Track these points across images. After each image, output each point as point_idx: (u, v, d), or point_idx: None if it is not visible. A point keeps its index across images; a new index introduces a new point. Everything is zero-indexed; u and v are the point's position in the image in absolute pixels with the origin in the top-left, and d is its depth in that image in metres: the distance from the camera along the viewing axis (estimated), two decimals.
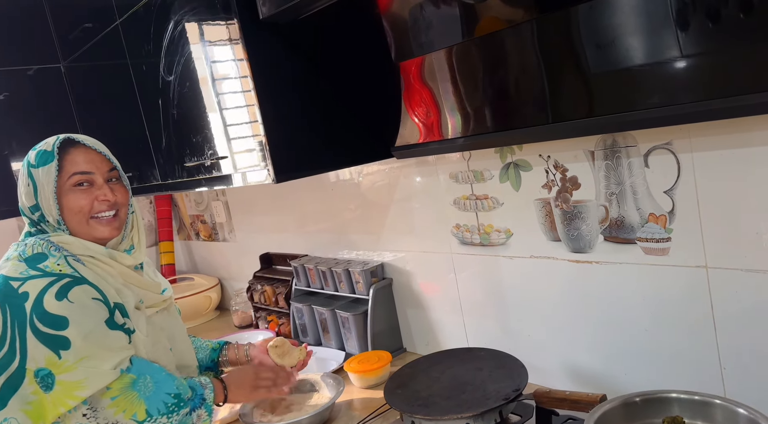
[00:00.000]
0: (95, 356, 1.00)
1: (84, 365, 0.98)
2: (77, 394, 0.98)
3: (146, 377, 1.04)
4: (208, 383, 1.14)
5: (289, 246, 2.10)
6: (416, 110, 1.36)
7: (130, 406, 1.01)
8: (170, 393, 1.05)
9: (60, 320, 0.99)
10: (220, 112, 1.39)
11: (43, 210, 1.10)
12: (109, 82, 1.88)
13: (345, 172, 1.76)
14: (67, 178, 1.10)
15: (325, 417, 1.37)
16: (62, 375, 0.98)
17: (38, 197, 1.09)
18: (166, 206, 2.71)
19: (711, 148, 0.99)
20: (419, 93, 1.31)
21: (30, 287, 1.00)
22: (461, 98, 1.25)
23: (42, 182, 1.09)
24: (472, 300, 1.50)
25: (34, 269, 1.02)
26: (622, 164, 1.11)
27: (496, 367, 1.24)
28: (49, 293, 1.00)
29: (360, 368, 1.53)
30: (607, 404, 0.98)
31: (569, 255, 1.25)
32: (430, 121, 1.34)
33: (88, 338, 1.00)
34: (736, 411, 0.89)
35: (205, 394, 1.11)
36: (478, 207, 1.41)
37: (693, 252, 1.05)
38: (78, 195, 1.10)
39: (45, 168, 1.09)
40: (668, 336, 1.12)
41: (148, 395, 1.02)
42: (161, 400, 1.03)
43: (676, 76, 0.93)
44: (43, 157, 1.10)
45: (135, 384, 1.02)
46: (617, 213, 1.15)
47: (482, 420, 1.09)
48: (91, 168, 1.12)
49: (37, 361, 0.98)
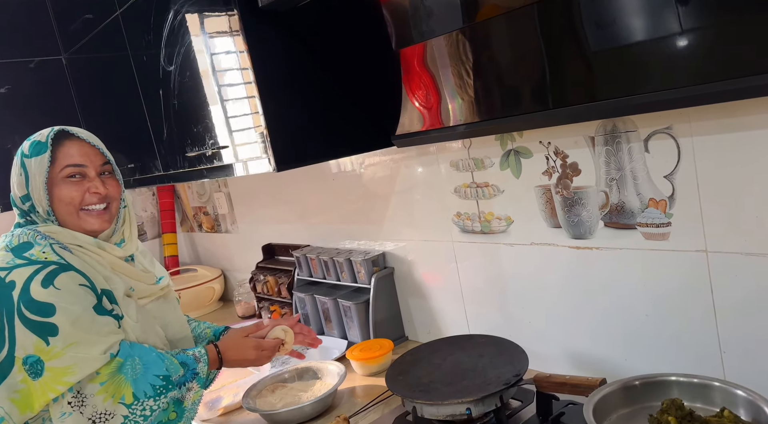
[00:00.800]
0: (84, 342, 1.00)
1: (73, 351, 0.99)
2: (66, 379, 0.98)
3: (134, 359, 1.04)
4: (203, 355, 1.13)
5: (291, 237, 2.11)
6: (416, 98, 1.36)
7: (118, 390, 1.01)
8: (159, 375, 1.05)
9: (47, 307, 0.99)
10: (220, 102, 1.39)
11: (34, 200, 1.11)
12: (111, 73, 1.89)
13: (346, 163, 1.77)
14: (59, 169, 1.10)
15: (327, 404, 1.38)
16: (51, 362, 0.98)
17: (29, 187, 1.10)
18: (168, 198, 2.72)
19: (711, 133, 0.99)
20: (419, 80, 1.30)
21: (16, 276, 1.01)
22: (461, 85, 1.25)
23: (34, 172, 1.09)
24: (473, 288, 1.51)
25: (20, 258, 1.03)
26: (623, 150, 1.11)
27: (497, 353, 1.25)
28: (35, 280, 1.00)
29: (362, 356, 1.54)
30: (607, 388, 0.99)
31: (570, 241, 1.25)
32: (430, 109, 1.34)
33: (76, 323, 1.00)
34: (735, 393, 0.89)
35: (198, 368, 1.11)
36: (479, 195, 1.42)
37: (693, 237, 1.05)
38: (69, 187, 1.10)
39: (38, 159, 1.09)
40: (668, 321, 1.12)
41: (136, 378, 1.02)
42: (148, 382, 1.03)
43: (676, 59, 0.92)
44: (36, 148, 1.10)
45: (122, 367, 1.02)
46: (617, 199, 1.15)
47: (483, 405, 1.10)
48: (85, 161, 1.12)
49: (26, 348, 0.98)
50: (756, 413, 0.85)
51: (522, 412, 1.19)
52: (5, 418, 0.99)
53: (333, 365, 1.50)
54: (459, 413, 1.10)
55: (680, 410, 0.86)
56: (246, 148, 1.39)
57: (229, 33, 1.30)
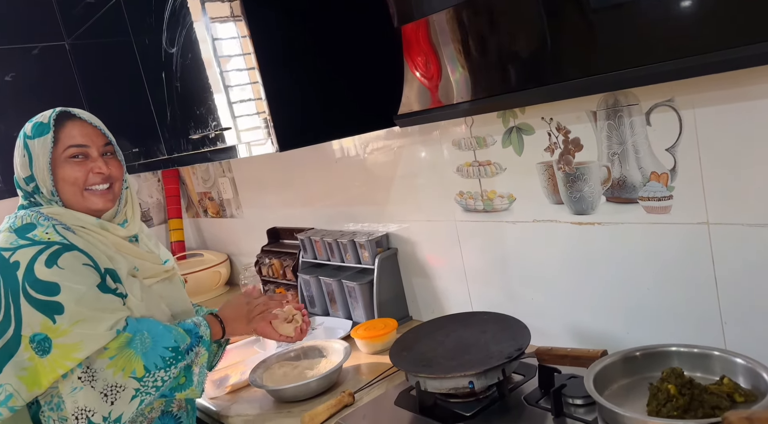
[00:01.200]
0: (90, 319, 1.01)
1: (79, 328, 1.00)
2: (74, 356, 1.00)
3: (143, 333, 1.06)
4: (202, 321, 1.16)
5: (296, 220, 2.12)
6: (418, 77, 1.36)
7: (128, 364, 1.03)
8: (168, 347, 1.07)
9: (51, 286, 1.01)
10: (222, 82, 1.39)
11: (38, 181, 1.12)
12: (113, 57, 1.89)
13: (349, 147, 1.77)
14: (62, 150, 1.11)
15: (333, 380, 1.40)
16: (59, 339, 1.00)
17: (33, 168, 1.11)
18: (174, 184, 2.73)
19: (713, 104, 0.98)
20: (421, 59, 1.30)
21: (20, 256, 1.02)
22: (463, 62, 1.25)
23: (37, 153, 1.11)
24: (476, 266, 1.51)
25: (24, 239, 1.04)
26: (624, 123, 1.11)
27: (500, 329, 1.26)
28: (39, 260, 1.02)
29: (366, 334, 1.55)
30: (608, 359, 1.00)
31: (572, 217, 1.26)
32: (431, 87, 1.34)
33: (81, 301, 1.02)
34: (734, 361, 0.90)
35: (200, 331, 1.14)
36: (481, 173, 1.42)
37: (694, 209, 1.05)
38: (73, 167, 1.12)
39: (40, 139, 1.11)
40: (670, 294, 1.13)
41: (146, 352, 1.04)
42: (158, 355, 1.05)
43: (678, 29, 0.92)
44: (39, 129, 1.11)
45: (131, 342, 1.04)
46: (619, 173, 1.15)
47: (485, 378, 1.11)
48: (87, 141, 1.13)
49: (33, 327, 1.00)
50: (755, 380, 0.86)
51: (524, 385, 1.20)
52: (14, 395, 1.01)
53: (338, 343, 1.52)
54: (462, 386, 1.11)
55: (680, 378, 0.87)
56: (248, 129, 1.40)
57: (229, 13, 1.30)
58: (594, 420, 1.01)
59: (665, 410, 0.84)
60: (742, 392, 0.85)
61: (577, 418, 1.04)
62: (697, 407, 0.83)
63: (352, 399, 1.30)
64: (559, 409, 1.06)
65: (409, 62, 1.32)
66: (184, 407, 1.22)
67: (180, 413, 1.21)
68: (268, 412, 1.35)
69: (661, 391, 0.87)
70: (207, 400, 1.48)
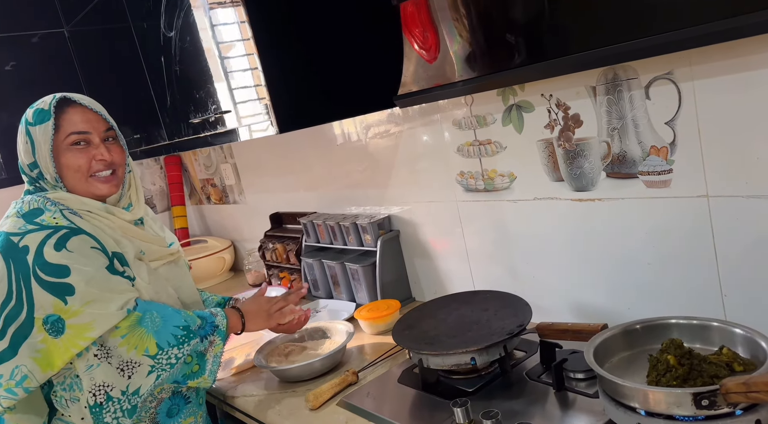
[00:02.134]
0: (100, 299, 1.03)
1: (90, 308, 1.02)
2: (88, 335, 1.02)
3: (153, 312, 1.08)
4: (219, 311, 1.19)
5: (298, 205, 2.13)
6: (416, 48, 1.35)
7: (141, 342, 1.05)
8: (178, 325, 1.09)
9: (61, 268, 1.02)
10: (221, 65, 1.39)
11: (41, 167, 1.13)
12: (113, 43, 1.89)
13: (350, 128, 1.77)
14: (64, 137, 1.12)
15: (337, 360, 1.41)
16: (71, 319, 1.02)
17: (36, 155, 1.12)
18: (176, 171, 2.74)
19: (712, 75, 0.98)
20: (419, 32, 1.30)
21: (29, 241, 1.04)
22: (461, 39, 1.24)
23: (39, 140, 1.11)
24: (478, 246, 1.52)
25: (32, 224, 1.06)
26: (624, 98, 1.11)
27: (502, 306, 1.27)
28: (48, 244, 1.03)
29: (370, 315, 1.56)
30: (608, 332, 1.00)
31: (572, 194, 1.26)
32: (431, 65, 1.33)
33: (91, 282, 1.03)
34: (733, 331, 0.90)
35: (216, 321, 1.16)
36: (482, 152, 1.42)
37: (694, 182, 1.05)
38: (75, 154, 1.13)
39: (42, 126, 1.11)
40: (671, 268, 1.13)
41: (157, 330, 1.06)
42: (170, 333, 1.07)
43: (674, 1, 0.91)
44: (40, 116, 1.12)
45: (142, 321, 1.06)
46: (619, 148, 1.15)
47: (487, 355, 1.12)
48: (88, 128, 1.14)
49: (45, 308, 1.02)
50: (754, 349, 0.87)
51: (526, 361, 1.21)
52: (28, 376, 1.03)
53: (342, 324, 1.53)
54: (464, 362, 1.12)
55: (679, 349, 0.88)
56: (248, 111, 1.40)
57: None
58: (595, 393, 1.02)
59: (665, 380, 0.85)
60: (741, 361, 0.86)
61: (578, 392, 1.05)
62: (696, 377, 0.84)
63: (356, 378, 1.31)
64: (561, 383, 1.07)
65: (407, 34, 1.31)
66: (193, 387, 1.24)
67: (189, 393, 1.23)
68: (273, 392, 1.37)
69: (661, 362, 0.87)
70: None
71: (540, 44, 1.11)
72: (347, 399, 1.24)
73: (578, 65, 1.09)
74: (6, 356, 1.02)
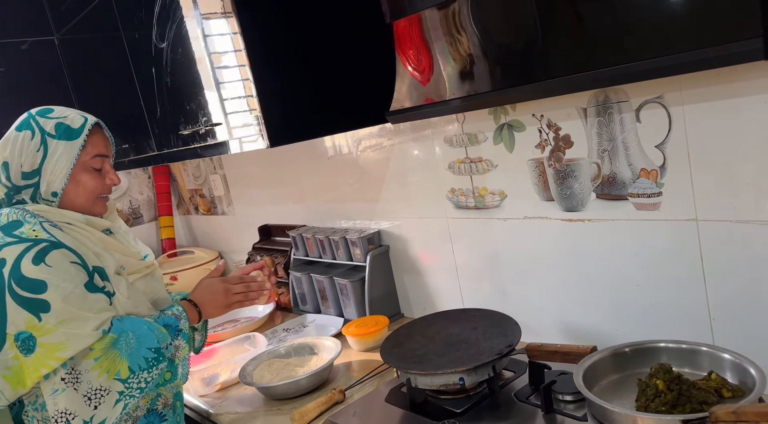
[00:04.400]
0: (76, 318, 1.00)
1: (65, 327, 0.99)
2: (59, 355, 0.98)
3: (128, 333, 1.05)
4: (182, 312, 1.17)
5: (287, 217, 2.11)
6: (410, 73, 1.36)
7: (113, 365, 1.02)
8: (150, 347, 1.07)
9: (38, 283, 0.99)
10: (213, 77, 1.39)
11: (44, 177, 1.10)
12: (103, 53, 1.88)
13: (341, 141, 1.77)
14: (89, 157, 1.13)
15: (323, 377, 1.39)
16: (44, 338, 0.98)
17: (44, 165, 1.10)
18: (164, 181, 2.72)
19: (702, 100, 0.99)
20: (412, 50, 1.30)
21: (7, 254, 1.01)
22: (454, 58, 1.25)
23: (58, 154, 1.10)
24: (468, 263, 1.51)
25: (10, 236, 1.03)
26: (614, 120, 1.12)
27: (490, 326, 1.26)
28: (26, 257, 1.00)
29: (358, 331, 1.55)
30: (597, 355, 1.00)
31: (562, 214, 1.26)
32: (423, 83, 1.34)
33: (68, 300, 1.00)
34: (722, 356, 0.90)
35: (180, 324, 1.15)
36: (473, 170, 1.42)
37: (683, 206, 1.06)
38: (94, 175, 1.14)
39: (68, 143, 1.11)
40: (659, 290, 1.14)
41: (130, 353, 1.04)
42: (142, 356, 1.05)
43: (667, 26, 0.92)
44: (67, 132, 1.11)
45: (116, 343, 1.03)
46: (609, 170, 1.15)
47: (476, 375, 1.11)
48: (107, 152, 1.18)
49: (17, 325, 0.98)
50: (742, 375, 0.87)
51: (515, 382, 1.20)
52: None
53: (329, 340, 1.51)
54: (452, 382, 1.11)
55: (668, 373, 0.87)
56: (239, 124, 1.39)
57: (220, 8, 1.29)
58: (583, 416, 1.01)
59: (654, 405, 0.84)
60: (730, 387, 0.86)
61: (566, 414, 1.05)
62: (685, 402, 0.83)
63: (342, 396, 1.29)
64: (549, 405, 1.06)
65: (400, 54, 1.31)
66: (169, 404, 1.21)
67: (165, 411, 1.20)
68: (258, 410, 1.35)
69: (650, 386, 0.87)
70: (197, 398, 1.47)
71: (532, 65, 1.12)
72: (333, 418, 1.22)
73: (569, 87, 1.10)
74: None
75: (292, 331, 1.79)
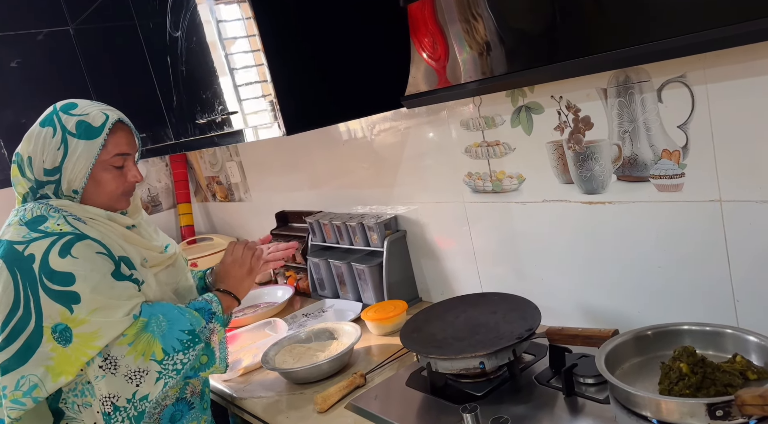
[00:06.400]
0: (106, 306, 1.03)
1: (96, 316, 1.02)
2: (94, 344, 1.01)
3: (158, 316, 1.08)
4: (213, 297, 1.19)
5: (304, 203, 2.12)
6: (425, 57, 1.34)
7: (148, 347, 1.04)
8: (184, 330, 1.09)
9: (67, 276, 1.02)
10: (227, 66, 1.38)
11: (64, 176, 1.11)
12: (118, 42, 1.88)
13: (356, 129, 1.76)
14: (109, 156, 1.12)
15: (344, 362, 1.41)
16: (78, 328, 1.01)
17: (65, 163, 1.10)
18: (182, 169, 2.74)
19: (726, 79, 0.97)
20: (428, 38, 1.28)
21: (34, 249, 1.03)
22: (470, 41, 1.23)
23: (78, 152, 1.10)
24: (486, 247, 1.51)
25: (36, 231, 1.05)
26: (635, 101, 1.10)
27: (510, 309, 1.26)
28: (53, 252, 1.02)
29: (377, 316, 1.56)
30: (619, 338, 1.00)
31: (582, 197, 1.25)
32: (439, 67, 1.32)
33: (96, 290, 1.03)
34: (747, 339, 0.89)
35: (213, 308, 1.17)
36: (490, 154, 1.41)
37: (707, 186, 1.04)
38: (115, 174, 1.14)
39: (89, 142, 1.10)
40: (681, 272, 1.12)
41: (163, 334, 1.06)
42: (175, 338, 1.07)
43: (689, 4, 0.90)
44: (87, 131, 1.10)
45: (148, 326, 1.06)
46: (630, 151, 1.14)
47: (496, 359, 1.12)
48: (130, 150, 1.17)
49: (53, 317, 1.01)
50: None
51: (535, 365, 1.21)
52: (38, 385, 1.02)
53: (348, 325, 1.53)
54: (473, 366, 1.12)
55: (692, 356, 0.87)
56: (255, 113, 1.39)
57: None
58: (605, 399, 1.02)
59: (677, 389, 0.84)
60: (755, 369, 0.85)
61: (588, 397, 1.05)
62: (709, 385, 0.83)
63: (363, 380, 1.31)
64: (571, 388, 1.07)
65: (415, 42, 1.30)
66: (197, 392, 1.24)
67: (193, 399, 1.23)
68: (280, 393, 1.37)
69: (673, 369, 0.87)
70: (221, 382, 1.50)
71: (550, 46, 1.10)
72: (355, 402, 1.24)
73: (589, 68, 1.08)
74: (11, 366, 1.02)
75: (312, 316, 1.81)
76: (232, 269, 1.29)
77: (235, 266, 1.29)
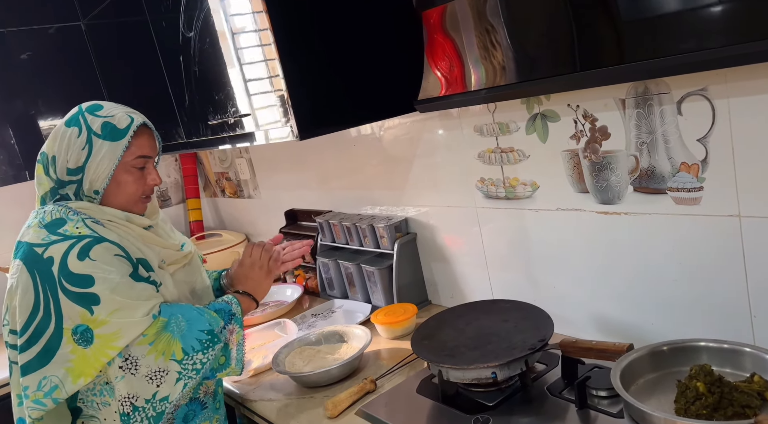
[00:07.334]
0: (125, 307, 1.04)
1: (116, 317, 1.03)
2: (115, 344, 1.02)
3: (177, 316, 1.09)
4: (232, 299, 1.21)
5: (313, 202, 2.12)
6: (439, 62, 1.33)
7: (168, 347, 1.05)
8: (203, 330, 1.10)
9: (86, 278, 1.03)
10: (241, 69, 1.38)
11: (87, 175, 1.12)
12: (130, 39, 1.87)
13: (367, 129, 1.75)
14: (132, 158, 1.14)
15: (354, 366, 1.41)
16: (99, 329, 1.02)
17: (88, 163, 1.11)
18: (191, 164, 2.74)
19: (748, 94, 0.95)
20: (442, 43, 1.27)
21: (53, 252, 1.04)
22: (485, 47, 1.21)
23: (103, 155, 1.11)
24: (497, 253, 1.50)
25: (55, 234, 1.06)
26: (654, 112, 1.08)
27: (522, 318, 1.26)
28: (72, 254, 1.04)
29: (386, 319, 1.56)
30: (634, 353, 0.99)
31: (597, 207, 1.24)
32: (453, 72, 1.31)
33: (115, 291, 1.04)
34: (766, 358, 0.89)
35: (233, 309, 1.18)
36: (504, 160, 1.40)
37: (726, 201, 1.03)
38: (136, 176, 1.15)
39: (113, 144, 1.11)
40: (697, 286, 1.11)
41: (183, 334, 1.07)
42: (194, 338, 1.08)
43: (712, 18, 0.88)
44: (112, 132, 1.12)
45: (167, 326, 1.07)
46: (648, 163, 1.12)
47: (508, 369, 1.11)
48: (152, 153, 1.18)
49: (73, 319, 1.02)
50: None
51: (547, 375, 1.20)
52: (58, 386, 1.03)
53: (358, 328, 1.53)
54: (485, 377, 1.12)
55: (709, 376, 0.86)
56: (268, 115, 1.38)
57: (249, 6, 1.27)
58: (619, 412, 1.01)
59: (694, 409, 0.83)
60: None
61: (601, 410, 1.05)
62: (726, 406, 0.82)
63: (373, 386, 1.31)
64: (584, 401, 1.06)
65: (429, 49, 1.29)
66: (210, 392, 1.24)
67: (206, 398, 1.23)
68: (290, 396, 1.37)
69: (690, 388, 0.86)
70: (230, 383, 1.50)
71: (568, 56, 1.08)
72: (365, 408, 1.24)
73: (608, 79, 1.06)
74: (32, 366, 1.03)
75: (321, 316, 1.81)
76: (251, 272, 1.30)
77: (254, 268, 1.30)
